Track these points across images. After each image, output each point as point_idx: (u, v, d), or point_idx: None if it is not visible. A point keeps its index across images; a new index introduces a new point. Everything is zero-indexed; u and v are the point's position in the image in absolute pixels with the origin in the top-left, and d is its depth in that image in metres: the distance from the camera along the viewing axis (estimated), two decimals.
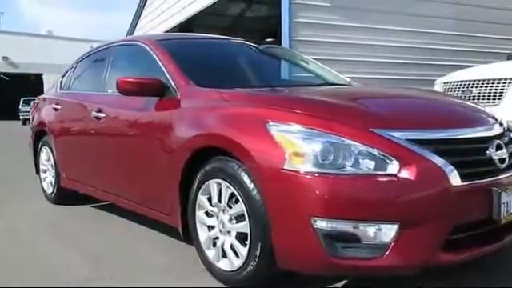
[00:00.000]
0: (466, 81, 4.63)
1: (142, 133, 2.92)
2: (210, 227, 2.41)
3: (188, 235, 2.56)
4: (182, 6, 11.88)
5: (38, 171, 4.69)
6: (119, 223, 3.60)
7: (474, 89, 4.52)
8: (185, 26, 12.90)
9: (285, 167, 1.94)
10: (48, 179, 4.42)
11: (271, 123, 2.06)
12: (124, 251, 2.92)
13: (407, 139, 1.95)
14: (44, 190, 4.50)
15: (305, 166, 1.91)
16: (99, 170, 3.46)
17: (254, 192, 2.09)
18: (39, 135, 4.54)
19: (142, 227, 3.41)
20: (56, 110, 4.16)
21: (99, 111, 3.35)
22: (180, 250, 2.83)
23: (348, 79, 3.61)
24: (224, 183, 2.26)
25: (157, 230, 3.25)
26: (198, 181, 2.42)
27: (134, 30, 15.73)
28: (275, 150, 1.99)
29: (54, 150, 4.19)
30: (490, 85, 4.35)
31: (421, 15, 6.52)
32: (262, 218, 2.05)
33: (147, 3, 14.31)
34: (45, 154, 4.43)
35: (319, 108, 2.21)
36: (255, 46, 3.59)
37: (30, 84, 34.21)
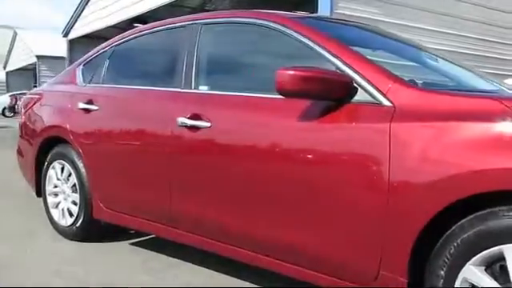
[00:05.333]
0: None
1: (308, 156, 1.89)
2: None
3: None
4: None
5: (40, 193, 3.42)
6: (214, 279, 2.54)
7: None
8: (135, 19, 11.61)
9: None
10: (63, 205, 3.18)
11: None
12: None
13: None
14: (54, 221, 3.25)
15: None
16: (202, 207, 2.30)
17: None
18: (48, 144, 3.28)
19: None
20: (88, 110, 2.94)
21: (195, 118, 2.27)
22: None
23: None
24: None
25: None
26: (466, 243, 1.50)
27: (78, 17, 14.22)
28: None
29: (81, 166, 2.98)
30: None
31: (466, 19, 5.98)
32: None
33: None
34: (59, 171, 3.19)
35: None
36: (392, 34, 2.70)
37: None
